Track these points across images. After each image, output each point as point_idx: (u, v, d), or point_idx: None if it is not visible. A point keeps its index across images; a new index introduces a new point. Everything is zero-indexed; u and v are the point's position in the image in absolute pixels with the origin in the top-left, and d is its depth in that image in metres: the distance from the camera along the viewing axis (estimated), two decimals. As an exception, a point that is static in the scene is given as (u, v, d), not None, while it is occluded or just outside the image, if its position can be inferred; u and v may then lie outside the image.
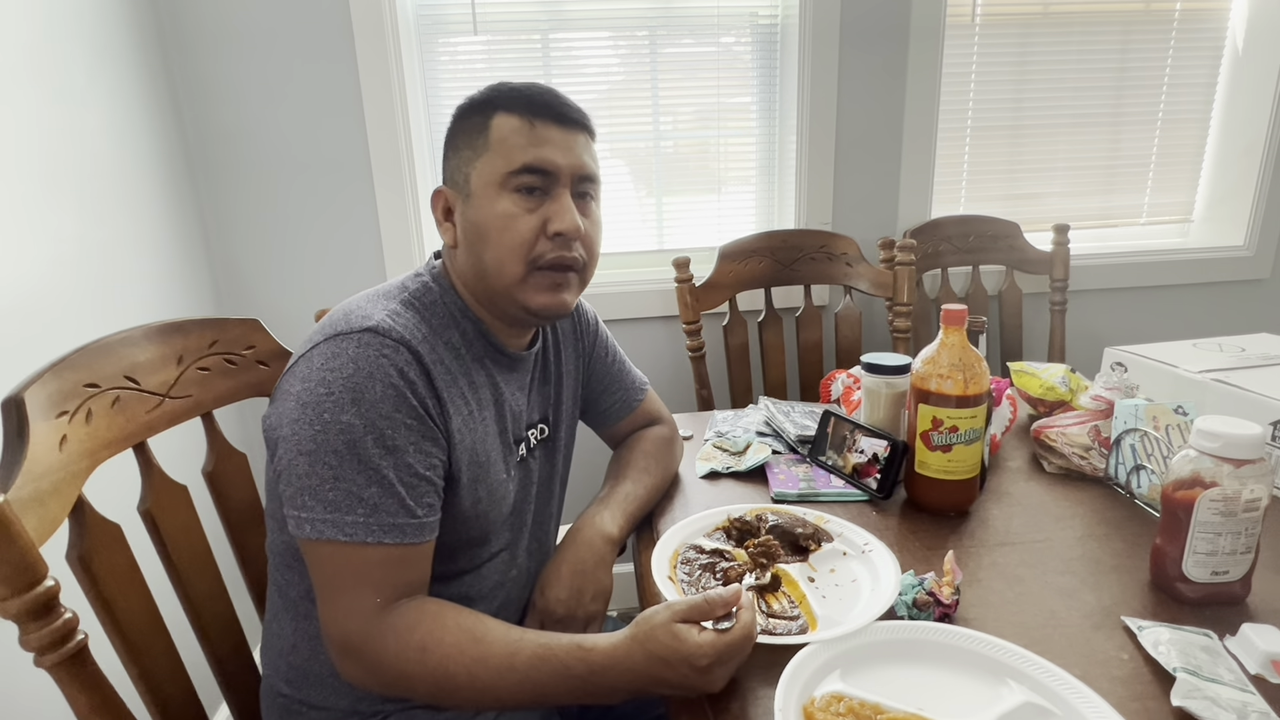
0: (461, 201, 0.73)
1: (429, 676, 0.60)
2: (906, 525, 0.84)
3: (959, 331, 0.82)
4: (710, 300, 1.54)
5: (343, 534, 0.61)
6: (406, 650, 0.60)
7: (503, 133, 0.69)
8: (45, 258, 1.04)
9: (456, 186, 0.73)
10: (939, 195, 1.76)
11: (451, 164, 0.74)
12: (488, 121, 0.70)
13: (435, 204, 0.75)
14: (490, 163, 0.70)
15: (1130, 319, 1.89)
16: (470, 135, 0.72)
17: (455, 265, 0.75)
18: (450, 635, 0.61)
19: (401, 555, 0.63)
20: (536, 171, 0.69)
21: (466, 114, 0.73)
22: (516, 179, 0.69)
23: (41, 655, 0.56)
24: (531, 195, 0.70)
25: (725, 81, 1.66)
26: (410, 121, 1.53)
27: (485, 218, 0.70)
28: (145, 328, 0.75)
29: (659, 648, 0.56)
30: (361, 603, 0.61)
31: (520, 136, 0.69)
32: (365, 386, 0.62)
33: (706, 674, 0.56)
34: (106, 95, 1.22)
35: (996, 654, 0.59)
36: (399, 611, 0.62)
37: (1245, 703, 0.53)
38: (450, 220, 0.75)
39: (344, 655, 0.63)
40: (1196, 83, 1.83)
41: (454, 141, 0.74)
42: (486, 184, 0.70)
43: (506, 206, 0.69)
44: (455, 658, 0.60)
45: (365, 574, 0.62)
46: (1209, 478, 0.64)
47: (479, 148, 0.71)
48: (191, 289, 1.43)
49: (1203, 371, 0.97)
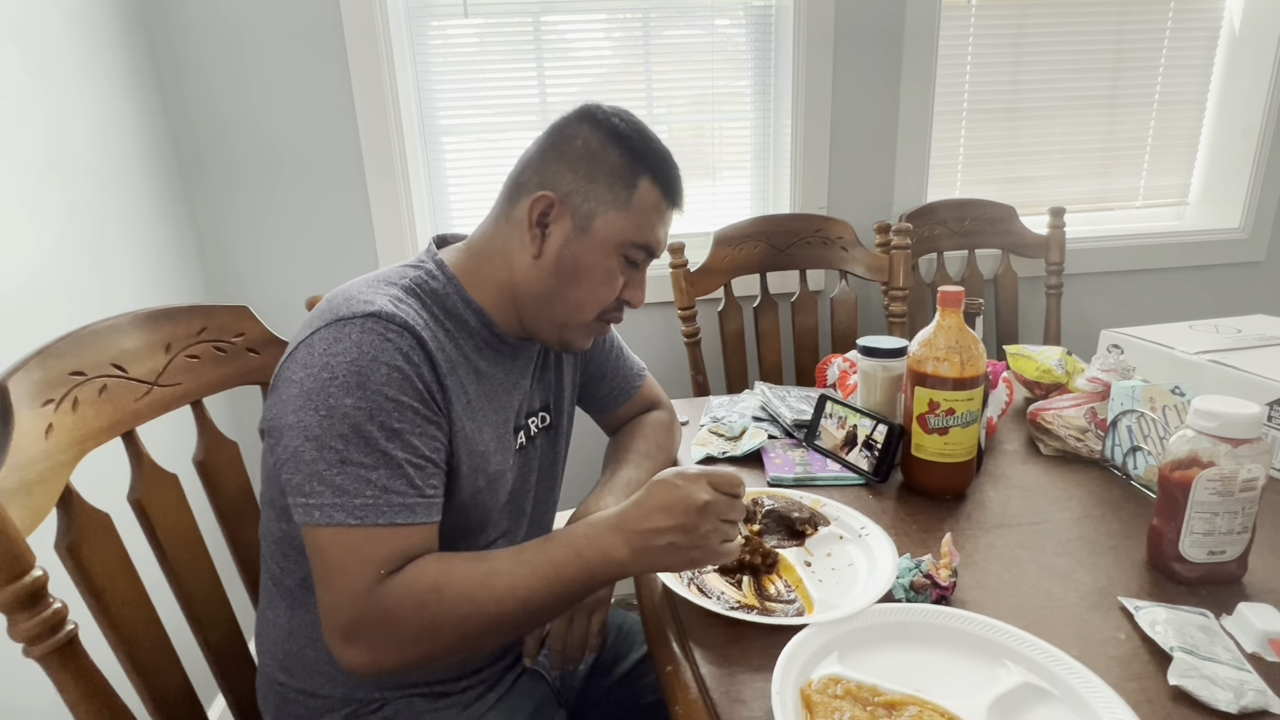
0: (573, 228, 0.71)
1: (449, 613, 0.59)
2: (903, 508, 0.83)
3: (956, 313, 0.81)
4: (705, 286, 1.53)
5: (353, 517, 0.59)
6: (422, 596, 0.59)
7: (645, 203, 0.72)
8: (33, 248, 1.03)
9: (574, 211, 0.70)
10: (934, 179, 1.75)
11: (577, 184, 0.70)
12: (636, 179, 0.71)
13: (535, 206, 0.70)
14: (623, 222, 0.71)
15: (1126, 302, 1.89)
16: (611, 177, 0.70)
17: (512, 267, 0.73)
18: (458, 567, 0.61)
19: (411, 534, 0.62)
20: (649, 251, 0.74)
21: (611, 144, 0.71)
22: (634, 250, 0.73)
23: (31, 645, 0.56)
24: (630, 263, 0.74)
25: (720, 66, 1.64)
26: (401, 106, 1.51)
27: (592, 264, 0.72)
28: (132, 315, 0.74)
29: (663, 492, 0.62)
30: (365, 582, 0.59)
31: (656, 215, 0.73)
32: (369, 370, 0.61)
33: (696, 483, 0.61)
34: (92, 83, 1.20)
35: (994, 635, 0.59)
36: (401, 572, 0.60)
37: (1242, 681, 0.53)
38: (542, 229, 0.72)
39: (348, 641, 0.60)
40: (1193, 64, 1.82)
41: (590, 167, 0.70)
42: (610, 236, 0.71)
43: (613, 267, 0.73)
44: (467, 580, 0.60)
45: (374, 554, 0.60)
46: (1206, 457, 0.64)
47: (619, 198, 0.71)
48: (181, 278, 1.42)
49: (1199, 353, 0.96)
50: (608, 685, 0.88)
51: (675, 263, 1.50)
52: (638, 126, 0.72)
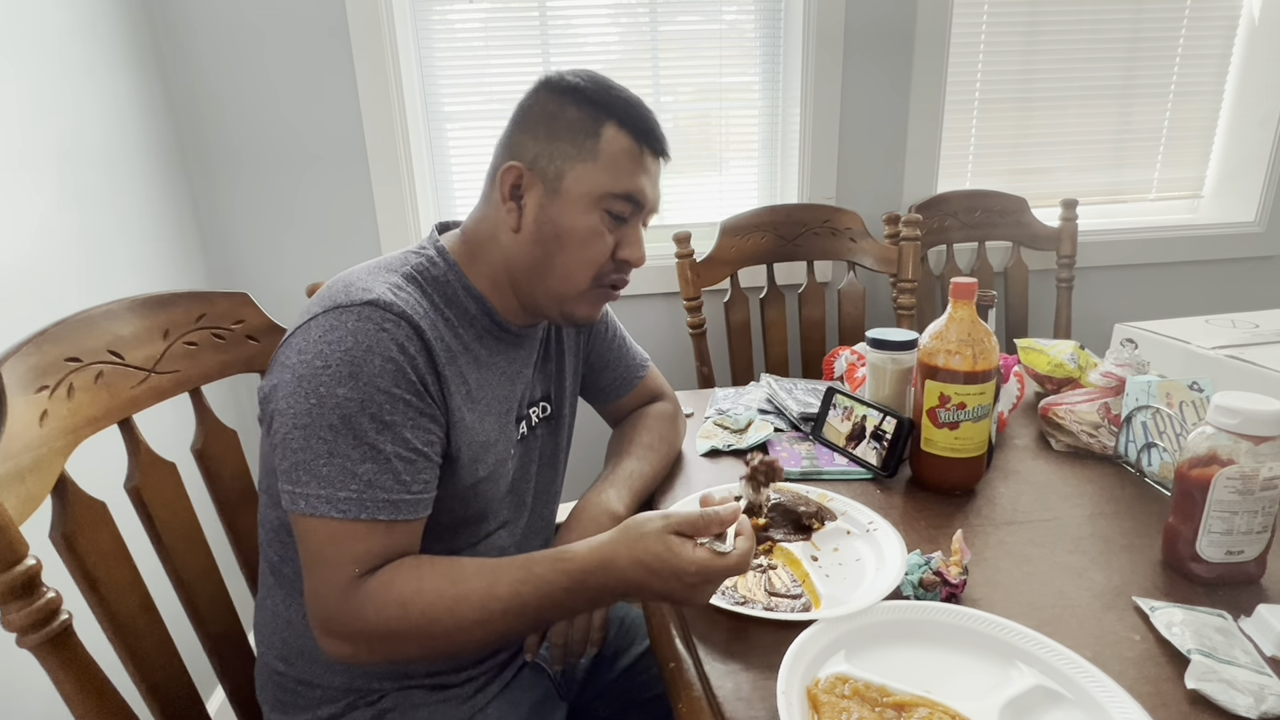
0: (544, 194, 0.69)
1: (414, 629, 0.59)
2: (911, 504, 0.82)
3: (968, 305, 0.79)
4: (711, 276, 1.51)
5: (336, 510, 0.59)
6: (387, 608, 0.59)
7: (614, 149, 0.68)
8: (32, 234, 1.01)
9: (542, 175, 0.69)
10: (945, 169, 1.73)
11: (539, 147, 0.69)
12: (599, 128, 0.68)
13: (504, 179, 0.70)
14: (594, 174, 0.68)
15: (1138, 297, 1.87)
16: (574, 132, 0.68)
17: (500, 247, 0.71)
18: (427, 583, 0.60)
19: (392, 531, 0.61)
20: (633, 202, 0.70)
21: (568, 101, 0.69)
22: (614, 203, 0.69)
23: (24, 635, 0.55)
24: (616, 218, 0.70)
25: (728, 57, 1.62)
26: (405, 93, 1.49)
27: (571, 226, 0.69)
28: (128, 300, 0.73)
29: (647, 555, 0.57)
30: (339, 578, 0.59)
31: (630, 160, 0.69)
32: (363, 360, 0.60)
33: (692, 590, 0.57)
34: (93, 70, 1.18)
35: (1005, 635, 0.57)
36: (375, 576, 0.60)
37: (1262, 685, 0.52)
38: (517, 202, 0.70)
39: (326, 632, 0.61)
40: (1210, 54, 1.78)
41: (549, 127, 0.69)
42: (584, 193, 0.68)
43: (594, 223, 0.69)
44: (435, 603, 0.59)
45: (352, 549, 0.60)
46: (1226, 455, 0.62)
47: (585, 150, 0.68)
48: (181, 265, 1.40)
49: (1216, 348, 0.94)
50: (609, 679, 0.88)
51: (681, 253, 1.48)
52: (597, 80, 0.70)
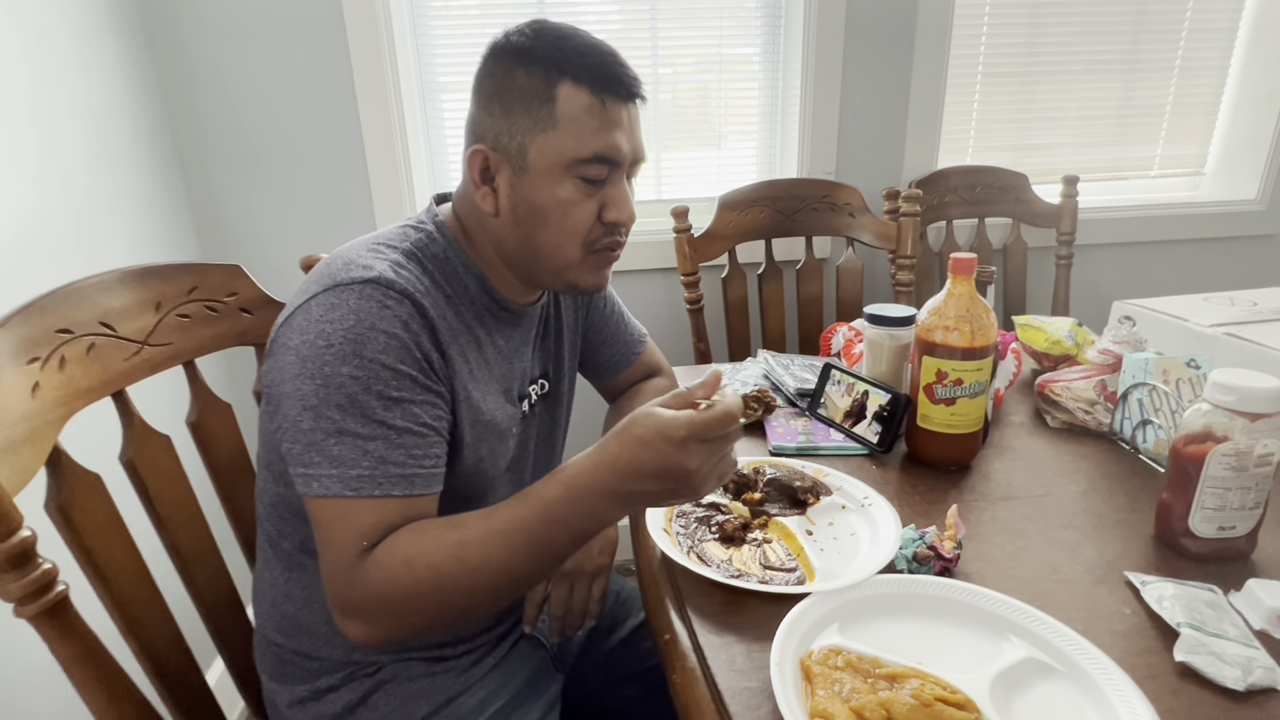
0: (512, 173, 0.66)
1: (425, 585, 0.57)
2: (907, 479, 0.82)
3: (967, 281, 0.79)
4: (709, 251, 1.50)
5: (349, 488, 0.58)
6: (392, 569, 0.57)
7: (572, 110, 0.64)
8: (22, 207, 1.00)
9: (506, 154, 0.66)
10: (946, 145, 1.71)
11: (498, 125, 0.66)
12: (553, 91, 0.64)
13: (472, 164, 0.67)
14: (556, 142, 0.64)
15: (1137, 275, 1.86)
16: (528, 101, 0.64)
17: (487, 230, 0.70)
18: (427, 534, 0.58)
19: (407, 506, 0.60)
20: (606, 161, 0.66)
21: (516, 66, 0.65)
22: (584, 168, 0.65)
23: (21, 606, 0.55)
24: (592, 182, 0.67)
25: (728, 28, 1.59)
26: (399, 65, 1.46)
27: (545, 200, 0.66)
28: (120, 272, 0.72)
29: (635, 426, 0.54)
30: (349, 555, 0.58)
31: (592, 118, 0.64)
32: (367, 338, 0.59)
33: (683, 449, 0.52)
34: (83, 39, 1.15)
35: (997, 608, 0.58)
36: (378, 546, 0.59)
37: (1250, 658, 0.52)
38: (490, 185, 0.68)
39: (342, 612, 0.59)
40: (1217, 28, 1.75)
41: (504, 101, 0.65)
42: (551, 164, 0.65)
43: (569, 193, 0.66)
44: (438, 551, 0.57)
45: (359, 527, 0.59)
46: (1221, 432, 0.62)
47: (542, 120, 0.64)
48: (173, 237, 1.39)
49: (1214, 325, 0.94)
50: (605, 650, 0.88)
51: (679, 228, 1.46)
52: (544, 33, 0.65)
